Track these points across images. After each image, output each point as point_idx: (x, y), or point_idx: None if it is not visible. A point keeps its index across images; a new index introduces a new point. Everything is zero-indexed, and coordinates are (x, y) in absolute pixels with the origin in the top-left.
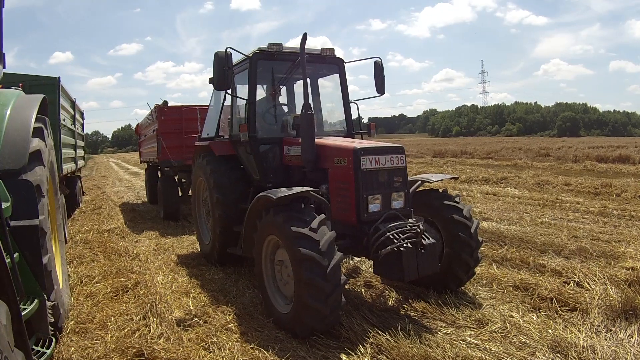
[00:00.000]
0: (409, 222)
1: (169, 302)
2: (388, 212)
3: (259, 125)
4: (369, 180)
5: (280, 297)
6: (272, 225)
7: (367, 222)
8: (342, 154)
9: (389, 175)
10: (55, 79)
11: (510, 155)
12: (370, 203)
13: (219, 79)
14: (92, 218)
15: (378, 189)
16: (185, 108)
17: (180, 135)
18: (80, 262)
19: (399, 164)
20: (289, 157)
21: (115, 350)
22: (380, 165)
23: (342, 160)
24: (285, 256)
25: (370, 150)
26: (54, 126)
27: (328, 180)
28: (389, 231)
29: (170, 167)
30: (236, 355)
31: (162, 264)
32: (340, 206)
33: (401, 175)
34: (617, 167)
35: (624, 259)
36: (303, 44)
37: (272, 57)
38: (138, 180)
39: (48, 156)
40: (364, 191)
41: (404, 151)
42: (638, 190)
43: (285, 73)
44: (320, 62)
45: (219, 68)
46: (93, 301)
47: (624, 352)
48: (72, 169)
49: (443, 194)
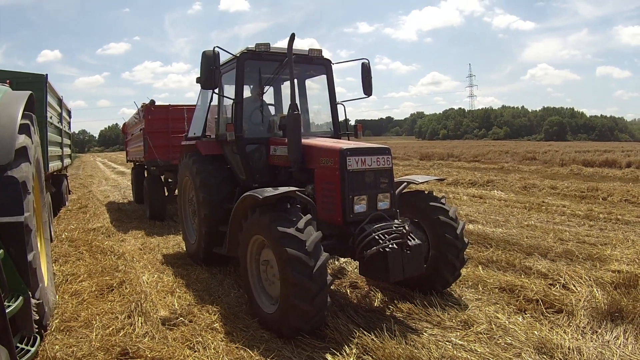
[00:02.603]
0: (395, 223)
1: (154, 301)
2: (374, 213)
3: (245, 125)
4: (354, 180)
5: (266, 297)
6: (258, 225)
7: (352, 222)
8: (328, 154)
9: (375, 176)
10: (43, 76)
11: (497, 159)
12: (356, 204)
13: (207, 78)
14: (78, 217)
15: (364, 190)
16: (172, 107)
17: (166, 135)
18: (65, 260)
19: (385, 165)
20: (275, 157)
21: (100, 348)
22: (367, 166)
23: (328, 160)
24: (270, 256)
25: (356, 151)
26: (41, 123)
27: (314, 181)
28: (375, 232)
29: (156, 166)
30: (221, 354)
31: (147, 263)
32: (325, 206)
33: (387, 177)
34: (604, 171)
35: (610, 261)
36: (290, 45)
37: (259, 57)
38: (124, 179)
39: (34, 153)
40: (350, 192)
41: (390, 152)
42: (624, 194)
43: (272, 73)
44: (307, 62)
45: (207, 67)
46: (78, 299)
47: (610, 354)
48: (59, 167)
49: (429, 196)
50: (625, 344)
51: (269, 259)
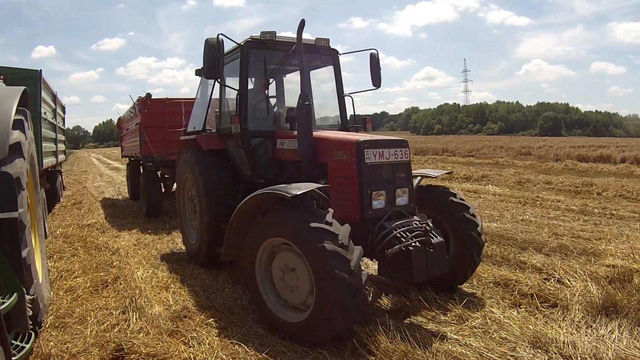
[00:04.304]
0: (415, 219)
1: (149, 296)
2: (392, 209)
3: (250, 118)
4: (372, 175)
5: (284, 306)
6: (277, 225)
7: (370, 219)
8: (343, 147)
9: (392, 170)
10: (37, 72)
11: (491, 154)
12: (374, 199)
13: (210, 67)
14: (73, 213)
15: (382, 185)
16: (169, 101)
17: (163, 129)
18: (60, 256)
19: (403, 158)
20: (283, 152)
21: (95, 344)
22: (384, 159)
23: (343, 153)
24: (292, 259)
25: (374, 143)
26: (35, 119)
27: (326, 176)
28: (396, 229)
29: (152, 162)
30: (216, 350)
31: (142, 258)
32: (341, 202)
33: (405, 170)
34: (598, 166)
35: (605, 256)
36: (300, 32)
37: (264, 46)
38: (119, 175)
39: (28, 149)
40: (368, 187)
41: (408, 145)
42: (619, 189)
43: (278, 64)
44: (314, 53)
45: (210, 56)
46: (73, 295)
47: (604, 348)
48: (53, 163)
49: (448, 191)
50: (620, 338)
51: (288, 263)
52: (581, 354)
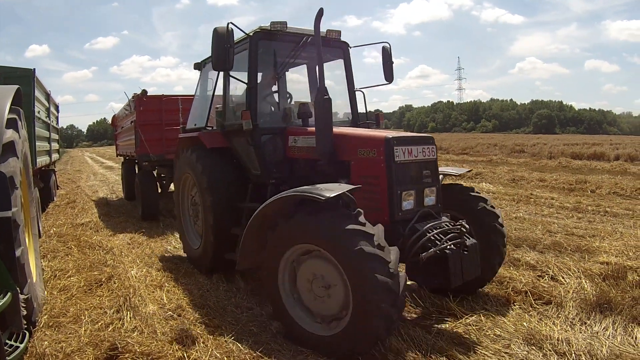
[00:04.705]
0: (445, 220)
1: (143, 295)
2: (421, 209)
3: (259, 114)
4: (402, 174)
5: (311, 317)
6: (306, 230)
7: (400, 221)
8: (369, 144)
9: (420, 168)
10: (30, 71)
11: (485, 151)
12: (404, 200)
13: (220, 58)
14: (66, 212)
15: (411, 184)
16: (165, 98)
17: (160, 127)
18: (54, 255)
19: (430, 155)
20: (295, 149)
21: (89, 344)
22: (413, 157)
23: (369, 151)
24: (320, 268)
25: (403, 140)
26: (28, 118)
27: (347, 174)
28: (429, 231)
29: (148, 161)
30: (210, 348)
31: (136, 257)
32: (367, 203)
33: (432, 169)
34: (592, 163)
35: (599, 253)
36: (318, 22)
37: (274, 37)
38: (113, 174)
39: (22, 148)
40: (398, 186)
41: (435, 142)
42: (612, 187)
43: (288, 56)
44: (324, 45)
45: (220, 45)
46: (67, 295)
47: (599, 345)
48: (47, 163)
49: (465, 187)
50: (614, 334)
51: (317, 271)
52: (575, 351)
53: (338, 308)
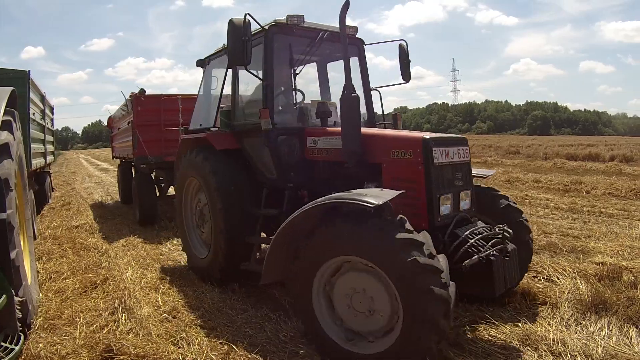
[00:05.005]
0: (480, 224)
1: (138, 297)
2: (459, 214)
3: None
4: (440, 177)
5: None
6: (348, 240)
7: (439, 227)
8: (405, 145)
9: (456, 170)
10: (25, 73)
11: (480, 153)
12: (442, 204)
13: (236, 52)
14: (62, 214)
15: (449, 188)
16: (164, 97)
17: (158, 128)
18: (49, 258)
19: (465, 157)
20: (315, 151)
21: (84, 346)
22: (449, 158)
23: (405, 152)
24: (360, 281)
25: (440, 141)
26: (23, 120)
27: (377, 178)
28: (470, 237)
29: (146, 163)
30: (205, 350)
31: (131, 259)
32: (402, 209)
33: (466, 171)
34: (587, 164)
35: (594, 254)
36: (343, 15)
37: (290, 31)
38: (108, 176)
39: (16, 150)
40: (437, 190)
41: (468, 143)
42: (607, 187)
43: (303, 52)
44: (338, 41)
45: (236, 38)
46: (62, 297)
47: (594, 345)
48: (42, 165)
49: (501, 195)
50: (609, 335)
51: (358, 285)
52: (571, 352)
53: (383, 323)
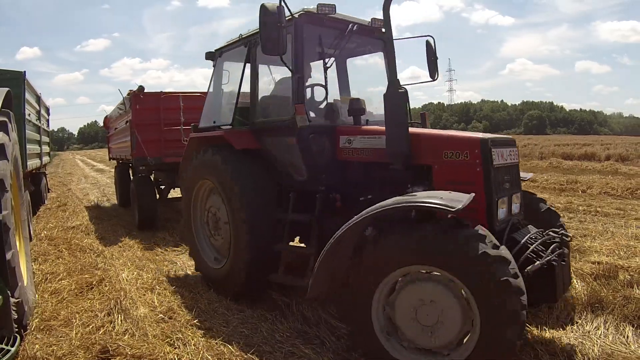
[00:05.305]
0: (532, 229)
1: (134, 298)
2: (512, 218)
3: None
4: (498, 179)
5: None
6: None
7: (498, 231)
8: (460, 146)
9: (508, 173)
10: (21, 73)
11: None
12: (499, 208)
13: (271, 39)
14: (57, 215)
15: (504, 191)
16: (164, 95)
17: (158, 127)
18: (44, 259)
19: (515, 159)
20: (350, 151)
21: (80, 347)
22: (504, 160)
23: (460, 154)
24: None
25: (496, 142)
26: (19, 121)
27: (425, 180)
28: (530, 243)
29: (145, 165)
30: (201, 350)
31: (127, 260)
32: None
33: (516, 173)
34: (583, 164)
35: (590, 253)
36: (388, 6)
37: (320, 22)
38: (103, 177)
39: (12, 151)
40: (496, 193)
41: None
42: (603, 187)
43: (332, 45)
44: (366, 35)
45: (271, 24)
46: (58, 298)
47: (590, 344)
48: (37, 166)
49: (540, 198)
50: (605, 334)
51: (426, 296)
52: (567, 351)
53: (455, 332)
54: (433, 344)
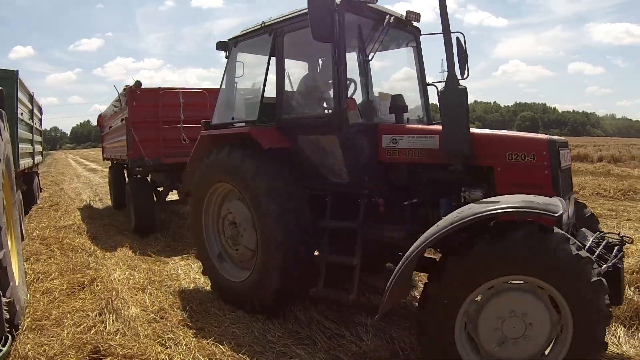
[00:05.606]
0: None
1: (126, 298)
2: (570, 221)
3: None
4: (563, 182)
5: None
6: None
7: None
8: (527, 147)
9: (567, 175)
10: (13, 73)
11: None
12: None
13: (324, 25)
14: (49, 214)
15: (565, 193)
16: (163, 91)
17: (156, 126)
18: (36, 258)
19: (569, 162)
20: (395, 152)
21: (72, 346)
22: (566, 162)
23: (526, 155)
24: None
25: (562, 143)
26: (11, 120)
27: (484, 183)
28: (595, 246)
29: (143, 166)
30: (193, 350)
31: (118, 260)
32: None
33: (570, 176)
34: (575, 165)
35: None
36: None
37: (359, 11)
38: (96, 176)
39: (4, 150)
40: (563, 196)
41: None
42: (596, 188)
43: (368, 37)
44: (398, 28)
45: (323, 9)
46: (49, 298)
47: None
48: (30, 165)
49: (582, 202)
50: None
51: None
52: None
53: (538, 348)
54: (520, 356)
